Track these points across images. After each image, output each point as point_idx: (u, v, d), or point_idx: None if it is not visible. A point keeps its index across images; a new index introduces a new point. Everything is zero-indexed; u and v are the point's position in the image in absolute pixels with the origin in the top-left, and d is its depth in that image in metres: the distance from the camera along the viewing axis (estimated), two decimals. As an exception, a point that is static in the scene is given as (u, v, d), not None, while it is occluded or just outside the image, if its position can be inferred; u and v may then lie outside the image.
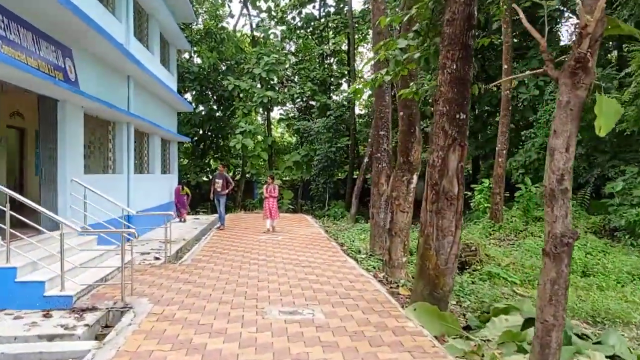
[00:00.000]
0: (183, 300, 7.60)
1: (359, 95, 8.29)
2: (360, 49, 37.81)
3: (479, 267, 11.08)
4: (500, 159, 15.76)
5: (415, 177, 9.86)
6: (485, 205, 17.67)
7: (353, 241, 14.39)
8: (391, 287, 9.16)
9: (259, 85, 26.28)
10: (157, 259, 11.30)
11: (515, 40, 21.97)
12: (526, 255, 12.42)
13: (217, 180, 16.39)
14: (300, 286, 8.53)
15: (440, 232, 7.02)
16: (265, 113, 29.36)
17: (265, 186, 16.01)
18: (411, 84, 9.12)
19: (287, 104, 28.41)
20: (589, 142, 17.59)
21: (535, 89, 19.70)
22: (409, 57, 7.84)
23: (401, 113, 9.85)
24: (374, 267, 10.87)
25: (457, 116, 6.86)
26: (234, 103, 27.87)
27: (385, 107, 11.83)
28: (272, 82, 26.37)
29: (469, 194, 18.77)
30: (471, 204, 18.72)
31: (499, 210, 15.47)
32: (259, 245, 13.21)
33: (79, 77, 10.77)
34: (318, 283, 8.77)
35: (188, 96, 33.42)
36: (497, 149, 16.00)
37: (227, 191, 16.51)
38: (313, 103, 30.66)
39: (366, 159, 20.88)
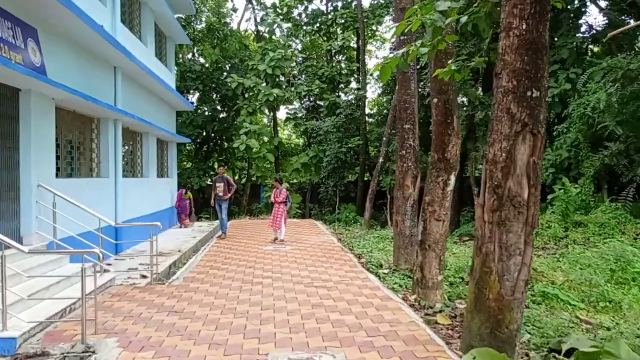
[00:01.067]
0: (163, 340, 5.75)
1: (384, 77, 6.44)
2: (369, 46, 36.00)
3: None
4: (535, 157, 13.90)
5: (452, 178, 7.98)
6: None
7: (371, 252, 12.51)
8: (427, 314, 7.28)
9: (264, 83, 24.46)
10: (143, 277, 9.47)
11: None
12: (574, 268, 10.50)
13: (217, 183, 14.59)
14: (315, 317, 6.66)
15: (504, 251, 5.14)
16: (271, 112, 27.54)
17: (273, 191, 14.38)
18: (449, 62, 7.23)
19: (295, 103, 26.53)
20: (629, 137, 15.64)
21: (566, 82, 17.75)
22: (452, 20, 5.95)
23: (435, 100, 7.98)
24: (400, 286, 9.00)
25: (529, 94, 4.98)
26: (238, 102, 26.06)
27: (411, 96, 9.97)
28: (278, 80, 24.55)
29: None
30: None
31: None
32: (263, 258, 11.36)
33: (47, 63, 8.95)
34: (337, 311, 6.90)
35: (191, 97, 31.66)
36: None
37: (229, 195, 14.69)
38: (321, 103, 28.86)
39: (381, 159, 19.00)
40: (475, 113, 19.70)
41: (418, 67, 21.64)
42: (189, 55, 31.73)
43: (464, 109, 20.84)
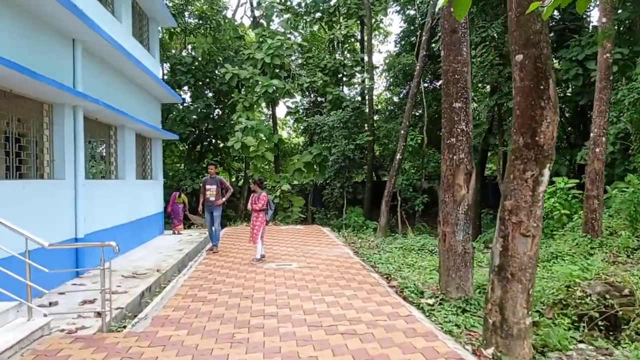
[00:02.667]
0: None
1: (461, 11, 3.80)
2: (373, 41, 33.27)
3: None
4: (597, 149, 11.16)
5: (547, 173, 5.27)
6: (563, 212, 13.06)
7: (400, 269, 9.80)
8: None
9: (262, 74, 21.71)
10: (98, 314, 6.69)
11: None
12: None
13: (208, 185, 11.85)
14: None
15: None
16: (270, 107, 24.80)
17: (251, 196, 11.11)
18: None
19: (296, 96, 23.75)
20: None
21: (614, 65, 15.07)
22: None
23: (519, 57, 5.27)
24: (458, 326, 6.29)
25: None
26: (233, 96, 23.30)
27: (462, 64, 7.25)
28: (277, 71, 21.81)
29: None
30: (540, 211, 14.16)
31: (597, 220, 10.88)
32: (264, 282, 8.62)
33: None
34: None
35: (183, 94, 28.92)
36: (591, 134, 11.40)
37: (222, 201, 11.92)
38: (322, 100, 26.18)
39: (398, 156, 16.23)
40: (502, 102, 16.99)
41: (434, 49, 19.07)
42: (183, 53, 29.01)
43: (486, 99, 18.14)
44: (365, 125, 24.11)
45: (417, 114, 25.19)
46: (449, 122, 7.36)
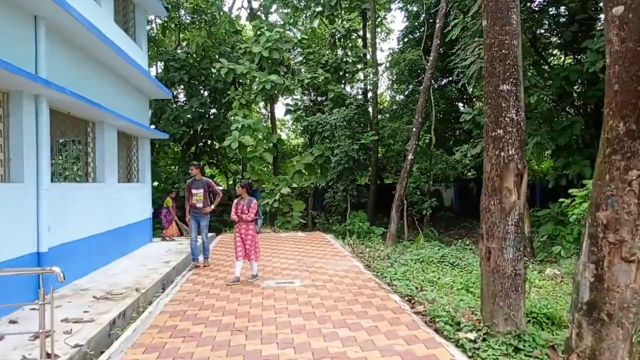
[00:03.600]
0: None
1: None
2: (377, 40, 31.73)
3: None
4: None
5: (659, 172, 3.75)
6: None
7: (422, 288, 8.22)
8: None
9: (259, 69, 20.14)
10: (48, 356, 5.11)
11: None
12: None
13: (194, 190, 10.18)
14: None
15: None
16: (268, 105, 23.19)
17: (234, 202, 9.13)
18: None
19: (296, 93, 22.11)
20: None
21: None
22: None
23: (618, 9, 3.73)
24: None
25: None
26: (229, 93, 21.71)
27: (511, 36, 5.70)
28: (275, 66, 20.24)
29: (566, 201, 12.64)
30: (570, 218, 12.56)
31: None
32: (262, 307, 7.04)
33: None
34: None
35: (176, 92, 27.33)
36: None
37: (212, 208, 10.27)
38: (322, 99, 24.65)
39: (410, 156, 14.59)
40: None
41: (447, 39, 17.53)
42: (178, 51, 27.39)
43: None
44: (369, 124, 22.57)
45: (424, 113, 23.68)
46: (494, 109, 5.78)
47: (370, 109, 22.72)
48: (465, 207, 30.81)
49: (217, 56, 24.28)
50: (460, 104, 27.96)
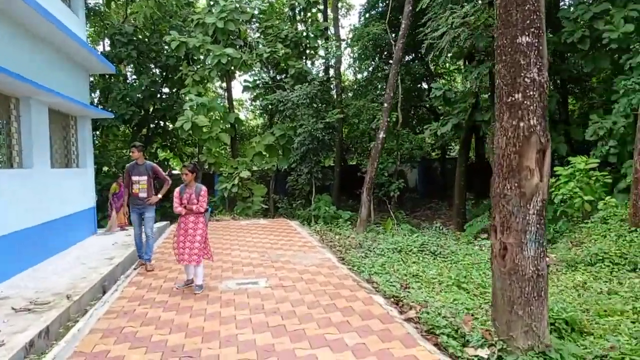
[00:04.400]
0: None
1: None
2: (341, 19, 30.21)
3: None
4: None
5: None
6: (586, 198, 10.57)
7: (407, 286, 7.01)
8: None
9: (214, 43, 18.43)
10: None
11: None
12: None
13: (135, 176, 8.47)
14: None
15: None
16: (225, 81, 21.50)
17: (177, 190, 7.20)
18: None
19: (254, 69, 20.43)
20: None
21: (626, 24, 12.67)
22: None
23: None
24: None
25: None
26: (181, 69, 19.95)
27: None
28: (232, 39, 18.58)
29: (553, 180, 11.66)
30: (554, 199, 11.57)
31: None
32: (219, 322, 5.68)
33: None
34: None
35: (124, 70, 25.30)
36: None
37: (158, 198, 8.68)
38: (281, 77, 23.17)
39: (382, 134, 13.29)
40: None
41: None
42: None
43: (478, 67, 15.47)
44: (333, 103, 21.25)
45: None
46: (510, 68, 4.53)
47: (333, 86, 21.39)
48: (429, 187, 29.97)
49: (167, 30, 22.41)
50: (425, 83, 27.00)
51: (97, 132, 25.73)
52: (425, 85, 26.94)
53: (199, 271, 7.00)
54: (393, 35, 20.15)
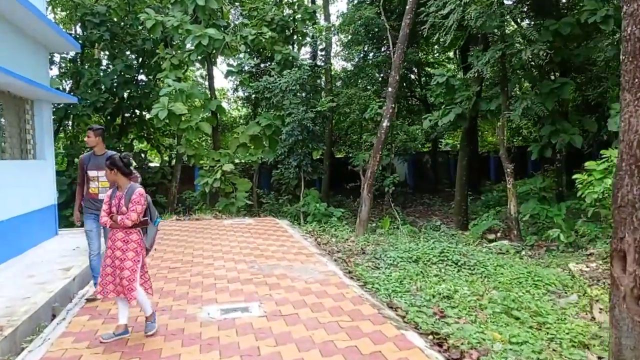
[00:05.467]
0: None
1: None
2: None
3: None
4: None
5: None
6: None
7: (442, 313, 5.35)
8: None
9: (194, 23, 16.52)
10: None
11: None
12: None
13: (92, 171, 6.39)
14: None
15: None
16: (206, 66, 19.57)
17: (107, 194, 4.99)
18: None
19: (239, 53, 18.47)
20: None
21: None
22: None
23: None
24: None
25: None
26: (158, 52, 18.00)
27: None
28: (214, 18, 16.66)
29: (581, 177, 10.09)
30: (586, 198, 9.99)
31: None
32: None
33: None
34: None
35: (97, 54, 23.22)
36: None
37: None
38: (266, 65, 21.36)
39: (386, 123, 11.47)
40: (513, 52, 12.71)
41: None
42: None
43: (487, 52, 13.82)
44: (322, 90, 19.55)
45: (381, 78, 20.85)
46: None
47: (323, 73, 19.65)
48: (419, 182, 28.49)
49: (144, 10, 20.39)
50: (413, 74, 25.45)
51: (69, 122, 23.68)
52: (413, 76, 25.44)
53: (140, 302, 4.84)
54: (387, 19, 18.55)
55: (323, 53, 21.43)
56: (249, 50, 17.51)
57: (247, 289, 6.31)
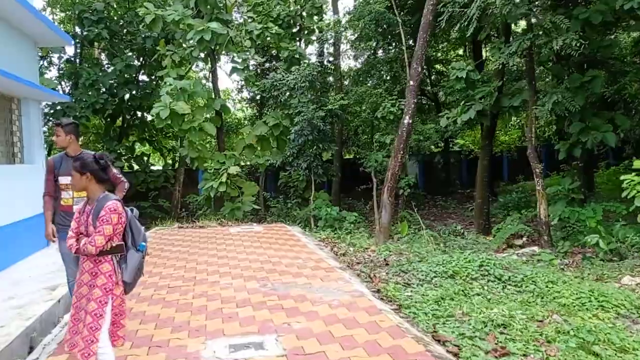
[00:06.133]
0: None
1: None
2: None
3: None
4: None
5: None
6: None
7: (504, 350, 4.27)
8: None
9: (195, 17, 15.46)
10: None
11: None
12: None
13: (63, 177, 5.07)
14: None
15: None
16: (209, 63, 18.45)
17: (77, 208, 3.76)
18: None
19: (245, 47, 17.31)
20: None
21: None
22: None
23: None
24: None
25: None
26: (158, 49, 16.97)
27: None
28: (217, 11, 15.58)
29: (629, 178, 9.01)
30: (635, 200, 8.91)
31: None
32: None
33: None
34: None
35: (97, 54, 22.25)
36: None
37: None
38: (270, 65, 20.35)
39: (407, 120, 10.20)
40: (542, 42, 11.59)
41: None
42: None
43: (514, 43, 12.74)
44: (331, 88, 18.50)
45: (389, 76, 19.75)
46: None
47: (332, 70, 18.60)
48: (431, 183, 27.34)
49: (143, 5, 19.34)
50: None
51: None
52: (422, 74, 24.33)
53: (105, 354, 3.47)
54: (399, 13, 17.51)
55: (332, 49, 20.34)
56: (254, 46, 16.41)
57: (261, 316, 5.24)
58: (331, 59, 20.00)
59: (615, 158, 21.69)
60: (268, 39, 16.81)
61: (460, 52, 27.01)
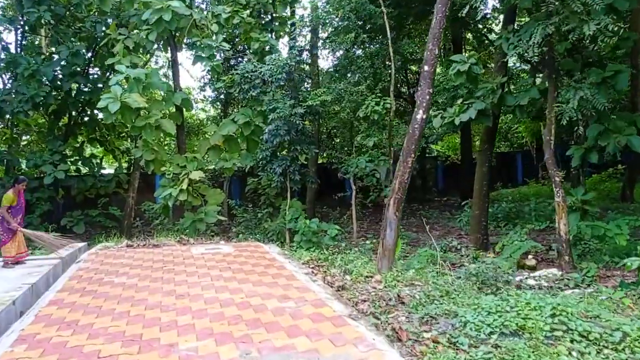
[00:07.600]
0: None
1: None
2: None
3: None
4: None
5: None
6: None
7: None
8: None
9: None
10: None
11: None
12: None
13: None
14: None
15: None
16: (169, 51, 15.88)
17: None
18: None
19: (211, 33, 14.81)
20: None
21: None
22: None
23: None
24: None
25: None
26: (108, 32, 14.41)
27: None
28: (179, -9, 13.22)
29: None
30: None
31: None
32: None
33: None
34: None
35: (39, 41, 19.49)
36: None
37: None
38: (236, 60, 18.09)
39: (420, 114, 7.76)
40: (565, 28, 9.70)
41: None
42: None
43: (531, 29, 10.85)
44: (308, 83, 16.33)
45: (370, 73, 17.74)
46: None
47: (309, 62, 16.47)
48: (415, 191, 25.36)
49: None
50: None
51: (7, 123, 19.84)
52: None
53: None
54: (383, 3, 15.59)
55: (308, 38, 18.19)
56: (221, 32, 14.05)
57: None
58: (310, 48, 17.85)
59: (591, 166, 20.28)
60: (237, 24, 14.49)
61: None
